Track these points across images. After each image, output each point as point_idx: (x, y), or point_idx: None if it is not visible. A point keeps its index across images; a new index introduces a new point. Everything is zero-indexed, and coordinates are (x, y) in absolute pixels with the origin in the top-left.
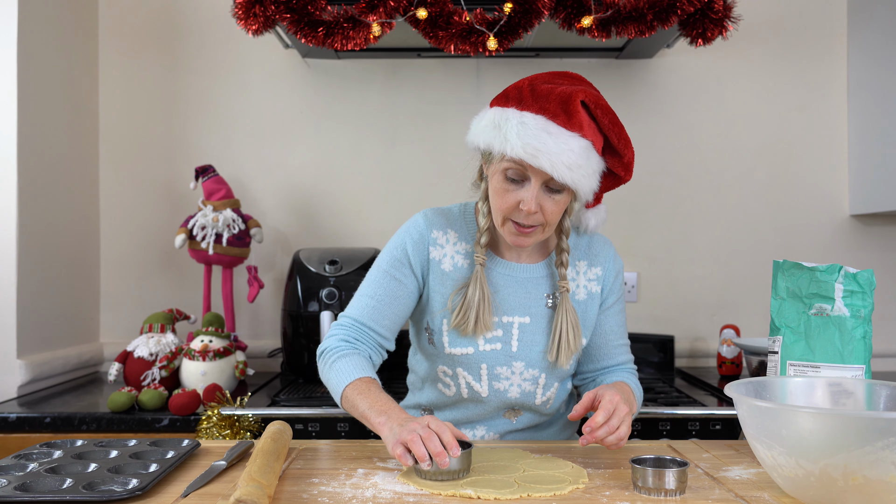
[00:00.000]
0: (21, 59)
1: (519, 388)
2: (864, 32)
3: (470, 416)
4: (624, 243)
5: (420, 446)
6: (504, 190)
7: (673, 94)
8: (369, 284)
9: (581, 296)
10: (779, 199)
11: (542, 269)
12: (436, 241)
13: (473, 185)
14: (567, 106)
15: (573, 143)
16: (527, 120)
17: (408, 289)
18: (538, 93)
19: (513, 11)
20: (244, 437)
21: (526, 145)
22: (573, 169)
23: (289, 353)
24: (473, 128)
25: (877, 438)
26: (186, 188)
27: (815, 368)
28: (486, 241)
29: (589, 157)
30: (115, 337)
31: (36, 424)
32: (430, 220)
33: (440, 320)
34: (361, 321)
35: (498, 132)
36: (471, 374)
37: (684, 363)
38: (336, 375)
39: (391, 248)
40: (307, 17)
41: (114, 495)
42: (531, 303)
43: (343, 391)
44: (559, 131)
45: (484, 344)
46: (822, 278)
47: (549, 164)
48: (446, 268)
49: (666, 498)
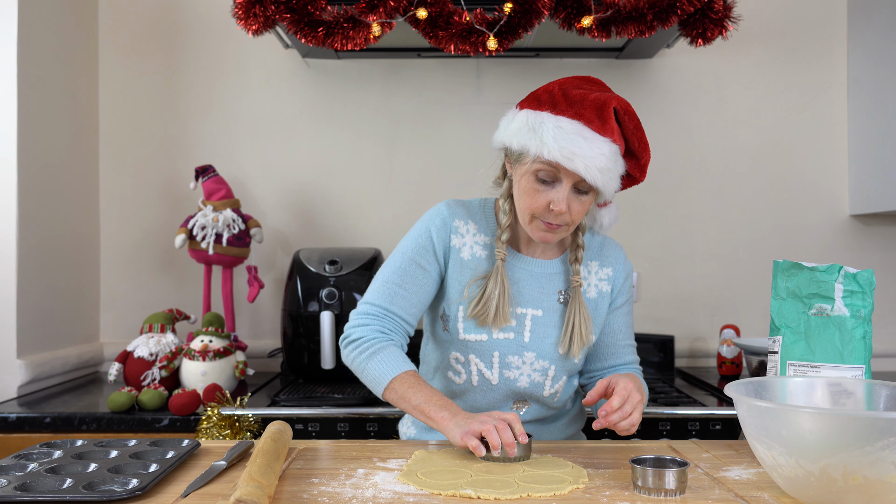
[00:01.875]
0: (21, 59)
1: (528, 378)
2: (864, 32)
3: (479, 404)
4: (624, 243)
5: (495, 436)
6: (535, 190)
7: (673, 94)
8: (394, 271)
9: (592, 294)
10: (779, 199)
11: (557, 265)
12: (457, 229)
13: (495, 182)
14: (602, 112)
15: (605, 148)
16: (563, 124)
17: (431, 276)
18: (571, 98)
19: (513, 11)
20: (244, 437)
21: (563, 149)
22: (604, 172)
23: (289, 353)
24: (503, 128)
25: (877, 438)
26: (186, 188)
27: (815, 368)
28: (508, 237)
29: (616, 161)
30: (115, 337)
31: (36, 424)
32: (453, 209)
33: (456, 307)
34: (389, 308)
35: (533, 134)
36: (483, 362)
37: (684, 363)
38: (378, 367)
39: (415, 235)
40: (307, 17)
41: (114, 495)
42: (544, 297)
43: (389, 384)
44: (593, 136)
45: (498, 332)
46: (822, 278)
47: (583, 168)
48: (465, 256)
49: (666, 498)
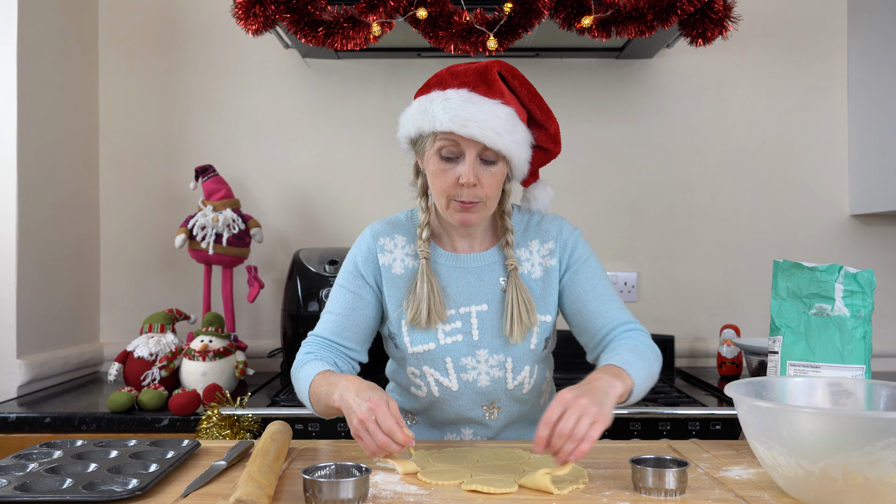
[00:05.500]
0: (21, 59)
1: (488, 376)
2: (864, 32)
3: (449, 416)
4: (624, 243)
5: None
6: (441, 170)
7: (673, 94)
8: (330, 302)
9: (537, 273)
10: (779, 199)
11: (494, 255)
12: (383, 247)
13: (410, 184)
14: (485, 76)
15: (498, 110)
16: (450, 95)
17: (365, 299)
18: (456, 72)
19: (513, 11)
20: (244, 437)
21: (454, 117)
22: (502, 134)
23: (289, 353)
24: (401, 122)
25: (877, 438)
26: (186, 188)
27: (815, 368)
28: (428, 235)
29: (515, 125)
30: (115, 337)
31: (36, 424)
32: (375, 230)
33: (398, 321)
34: (326, 337)
35: (424, 115)
36: (437, 371)
37: (684, 363)
38: (301, 384)
39: (344, 265)
40: (307, 17)
41: (114, 495)
42: (486, 290)
43: (308, 393)
44: (481, 100)
45: (445, 338)
46: (822, 278)
47: (478, 131)
48: (397, 271)
49: (666, 498)
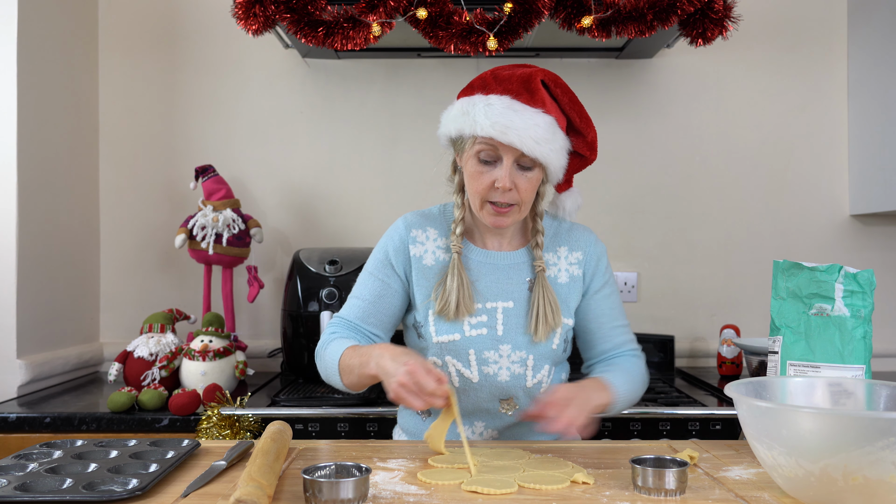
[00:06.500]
0: (21, 59)
1: (508, 371)
2: (864, 32)
3: (466, 407)
4: (624, 243)
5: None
6: (479, 172)
7: (673, 94)
8: (357, 287)
9: (563, 279)
10: (779, 199)
11: (523, 255)
12: (415, 239)
13: (448, 179)
14: (528, 84)
15: (538, 119)
16: (492, 101)
17: (392, 288)
18: (500, 77)
19: (513, 11)
20: (244, 437)
21: (494, 123)
22: (540, 143)
23: (289, 353)
24: (443, 121)
25: (877, 438)
26: (186, 188)
27: (815, 368)
28: (461, 230)
29: (554, 133)
30: (115, 337)
31: (36, 424)
32: (409, 222)
33: (425, 311)
34: (351, 320)
35: (466, 117)
36: (460, 361)
37: (684, 363)
38: (330, 358)
39: (375, 252)
40: (307, 17)
41: (114, 495)
42: (513, 288)
43: (339, 367)
44: (523, 108)
45: (470, 330)
46: (822, 278)
47: (517, 139)
48: (428, 262)
49: (666, 498)
